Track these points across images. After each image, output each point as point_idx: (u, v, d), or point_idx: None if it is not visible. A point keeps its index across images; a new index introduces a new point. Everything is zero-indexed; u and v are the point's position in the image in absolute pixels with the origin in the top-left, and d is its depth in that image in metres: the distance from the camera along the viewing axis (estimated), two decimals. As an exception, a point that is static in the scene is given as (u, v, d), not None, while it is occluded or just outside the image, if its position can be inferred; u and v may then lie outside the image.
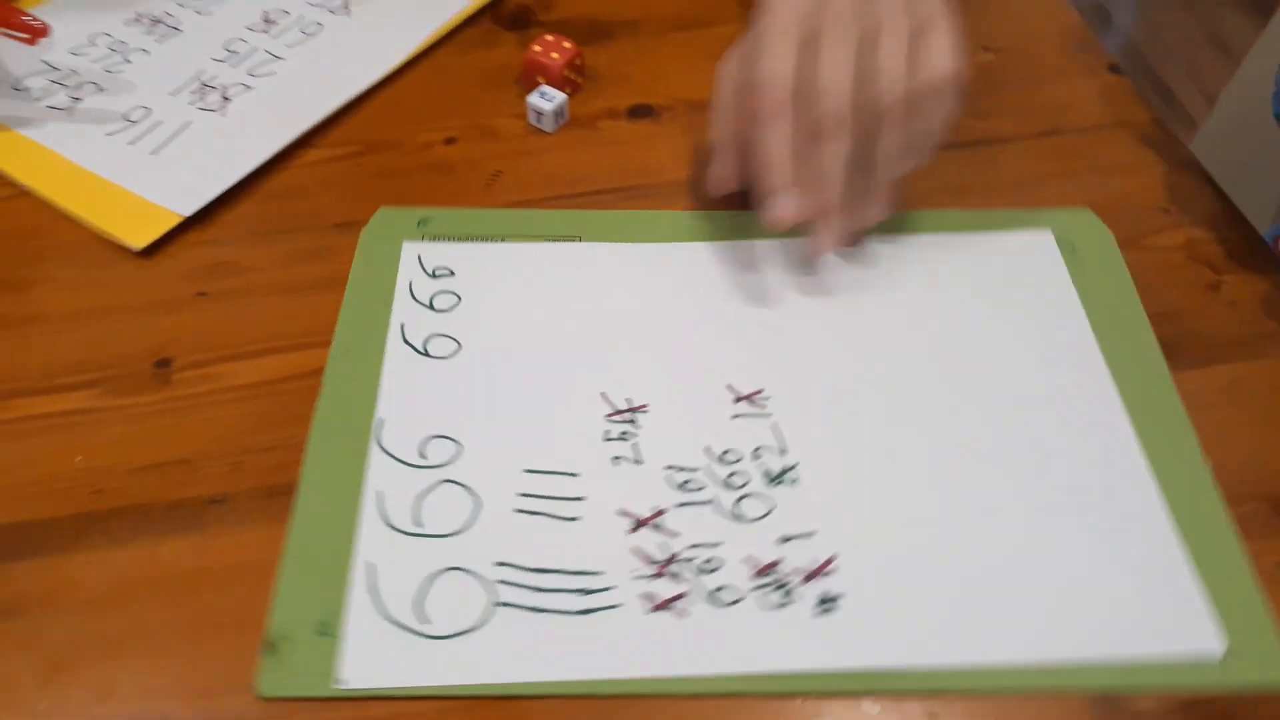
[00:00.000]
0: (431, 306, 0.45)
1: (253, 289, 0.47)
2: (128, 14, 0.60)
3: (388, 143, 0.53)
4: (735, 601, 0.36)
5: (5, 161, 0.52)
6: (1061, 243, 0.47)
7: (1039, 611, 0.36)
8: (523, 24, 0.58)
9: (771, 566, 0.37)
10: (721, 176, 0.46)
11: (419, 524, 0.38)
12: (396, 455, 0.40)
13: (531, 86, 0.53)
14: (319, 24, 0.60)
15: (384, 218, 0.49)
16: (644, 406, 0.41)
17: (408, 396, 0.42)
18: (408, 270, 0.47)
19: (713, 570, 0.37)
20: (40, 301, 0.47)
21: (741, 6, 0.59)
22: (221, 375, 0.44)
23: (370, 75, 0.56)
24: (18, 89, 0.55)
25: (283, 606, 0.35)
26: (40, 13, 0.54)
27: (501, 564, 0.37)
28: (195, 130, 0.53)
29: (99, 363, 0.44)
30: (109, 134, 0.53)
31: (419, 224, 0.49)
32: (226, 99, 0.55)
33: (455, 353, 0.44)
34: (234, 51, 0.58)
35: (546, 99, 0.52)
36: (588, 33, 0.57)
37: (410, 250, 0.48)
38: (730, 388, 0.42)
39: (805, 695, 0.34)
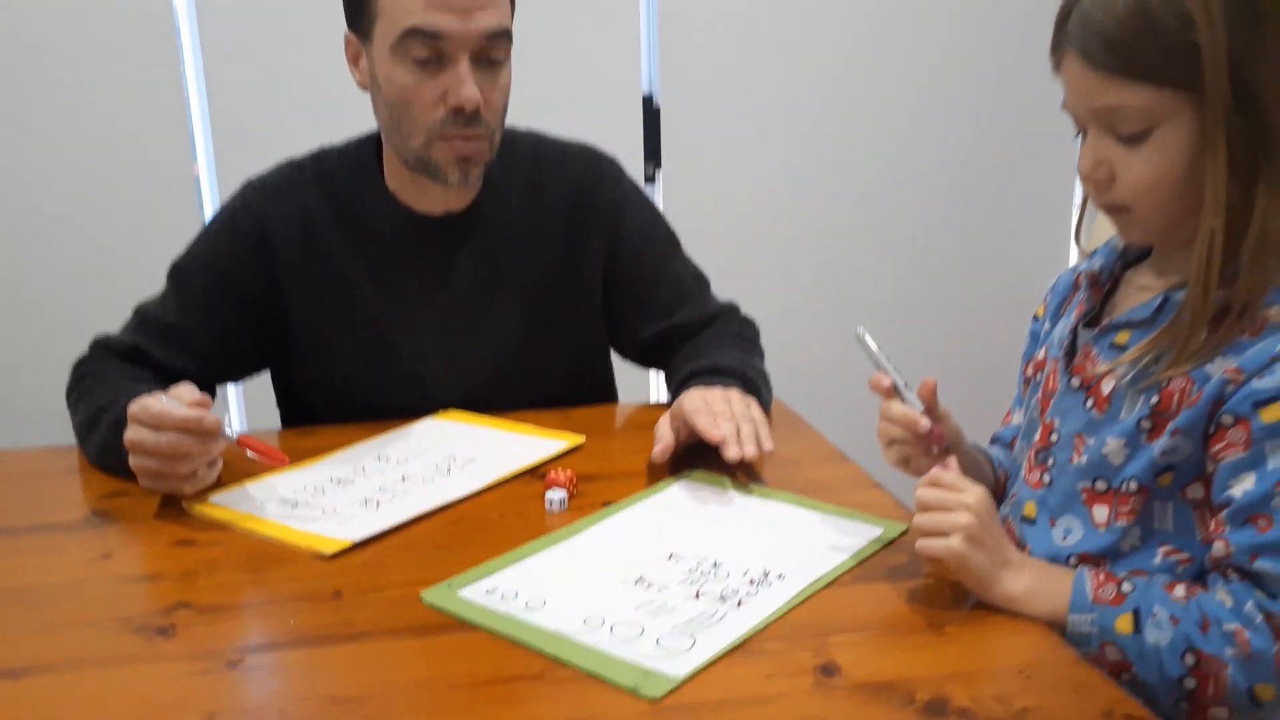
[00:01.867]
0: (504, 598, 0.81)
1: (389, 566, 0.87)
2: (324, 477, 1.08)
3: (468, 517, 0.96)
4: (752, 597, 0.80)
5: (256, 527, 0.95)
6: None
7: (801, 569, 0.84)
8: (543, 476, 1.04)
9: (754, 580, 0.81)
10: (664, 451, 1.02)
11: (625, 640, 0.74)
12: (570, 630, 0.75)
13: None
14: (434, 479, 1.06)
15: (432, 593, 0.81)
16: (646, 579, 0.83)
17: (553, 616, 0.77)
18: (476, 597, 0.81)
19: (736, 591, 0.81)
20: (270, 575, 0.87)
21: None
22: (374, 596, 0.82)
23: (461, 492, 1.01)
24: (260, 501, 1.01)
25: (619, 680, 0.69)
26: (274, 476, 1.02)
27: (674, 628, 0.75)
28: (360, 518, 0.97)
29: (299, 593, 0.83)
30: (313, 518, 0.97)
31: (449, 585, 0.85)
32: (379, 504, 1.00)
33: (543, 605, 0.79)
34: (384, 490, 1.04)
35: (555, 494, 0.97)
36: (583, 478, 1.03)
37: (468, 591, 0.81)
38: (674, 554, 0.88)
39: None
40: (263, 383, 1.34)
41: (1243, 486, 0.74)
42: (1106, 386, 0.84)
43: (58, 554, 0.91)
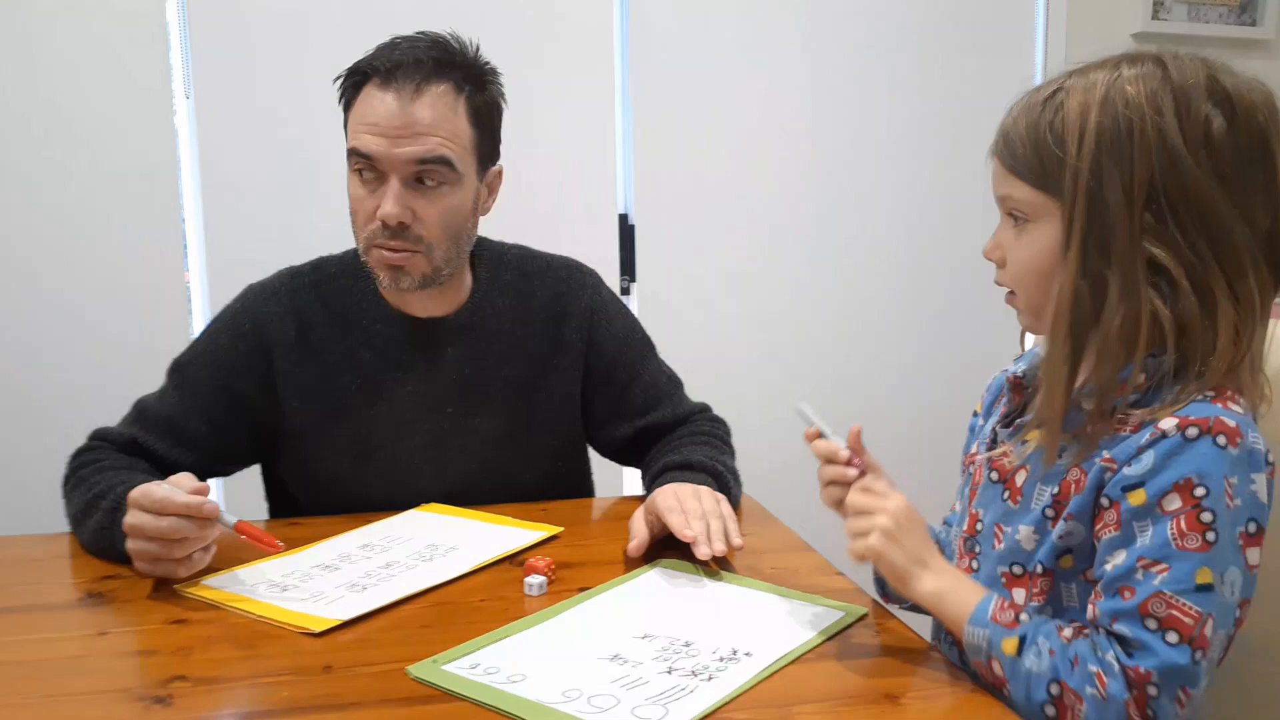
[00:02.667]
0: (487, 673, 0.86)
1: (376, 643, 0.91)
2: (311, 563, 1.12)
3: (451, 600, 1.01)
4: (721, 672, 0.85)
5: (247, 607, 0.99)
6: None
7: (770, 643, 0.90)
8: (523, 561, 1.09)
9: (723, 658, 0.87)
10: (639, 547, 1.09)
11: (602, 709, 0.79)
12: (550, 700, 0.80)
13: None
14: (417, 565, 1.11)
15: (418, 667, 0.86)
16: (622, 656, 0.88)
17: (533, 689, 0.82)
18: (460, 671, 0.87)
19: (706, 667, 0.86)
20: (262, 650, 0.91)
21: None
22: (362, 670, 0.86)
23: (444, 576, 1.06)
24: (250, 584, 1.05)
25: None
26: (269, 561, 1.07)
27: (648, 700, 0.80)
28: (347, 599, 1.02)
29: (290, 667, 0.87)
30: (301, 599, 1.01)
31: (433, 661, 0.90)
32: (365, 588, 1.05)
33: (524, 679, 0.84)
34: (370, 575, 1.08)
35: (535, 579, 1.02)
36: (561, 565, 1.08)
37: (452, 666, 0.88)
38: (648, 634, 0.92)
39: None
40: (247, 474, 1.39)
41: (1115, 561, 0.82)
42: (1019, 479, 0.93)
43: (55, 632, 0.95)
